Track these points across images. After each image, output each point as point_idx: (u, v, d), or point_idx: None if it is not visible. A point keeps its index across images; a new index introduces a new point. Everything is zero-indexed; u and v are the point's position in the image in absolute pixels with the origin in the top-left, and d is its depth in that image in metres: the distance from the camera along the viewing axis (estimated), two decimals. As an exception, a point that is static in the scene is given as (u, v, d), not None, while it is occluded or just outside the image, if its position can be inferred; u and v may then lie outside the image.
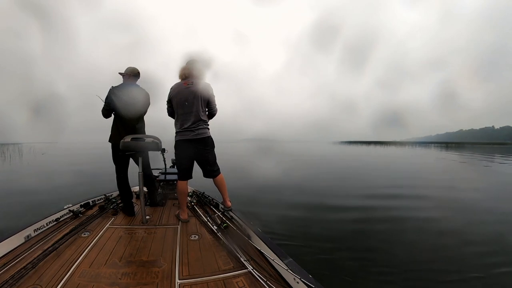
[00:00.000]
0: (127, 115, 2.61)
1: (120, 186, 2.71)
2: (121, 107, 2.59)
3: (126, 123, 2.64)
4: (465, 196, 6.00)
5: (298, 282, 1.40)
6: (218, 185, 2.55)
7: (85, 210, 2.74)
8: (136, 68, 2.77)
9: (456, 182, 7.95)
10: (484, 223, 4.01)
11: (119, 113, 2.63)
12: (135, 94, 2.66)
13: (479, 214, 4.50)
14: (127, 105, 2.59)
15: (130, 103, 2.60)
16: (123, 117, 2.63)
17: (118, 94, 2.59)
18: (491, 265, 2.63)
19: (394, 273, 2.52)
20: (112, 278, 1.49)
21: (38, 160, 16.24)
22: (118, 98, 2.58)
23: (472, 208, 4.85)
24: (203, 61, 2.51)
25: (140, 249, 1.87)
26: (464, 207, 4.98)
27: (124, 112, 2.60)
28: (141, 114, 2.77)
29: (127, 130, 2.59)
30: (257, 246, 1.89)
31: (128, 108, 2.59)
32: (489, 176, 9.71)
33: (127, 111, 2.60)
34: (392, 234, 3.54)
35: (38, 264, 1.58)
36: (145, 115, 2.83)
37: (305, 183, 7.51)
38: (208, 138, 2.48)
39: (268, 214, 4.22)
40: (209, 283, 1.48)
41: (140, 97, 2.69)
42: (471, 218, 4.24)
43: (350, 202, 5.30)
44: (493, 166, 13.00)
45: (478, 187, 7.03)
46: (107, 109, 2.65)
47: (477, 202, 5.30)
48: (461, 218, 4.27)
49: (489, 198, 5.83)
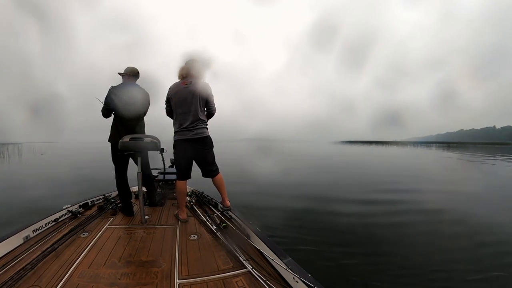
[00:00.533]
0: (126, 115, 2.61)
1: (119, 186, 2.71)
2: (121, 106, 2.59)
3: (125, 123, 2.64)
4: (479, 194, 5.95)
5: (297, 281, 1.40)
6: (217, 185, 2.54)
7: (84, 210, 2.74)
8: (135, 68, 2.77)
9: (468, 181, 7.89)
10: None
11: (118, 113, 2.63)
12: (134, 94, 2.65)
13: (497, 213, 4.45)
14: (126, 105, 2.58)
15: (130, 103, 2.60)
16: (122, 117, 2.62)
17: (117, 93, 2.59)
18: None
19: (393, 272, 2.52)
20: (111, 279, 1.49)
21: (37, 160, 16.22)
22: (118, 97, 2.58)
23: (489, 207, 4.80)
24: (202, 61, 2.50)
25: (139, 249, 1.87)
26: (480, 205, 4.92)
27: (123, 112, 2.60)
28: (141, 114, 2.76)
29: (127, 130, 2.59)
30: (256, 245, 1.89)
31: (127, 108, 2.59)
32: (499, 175, 9.70)
33: (127, 110, 2.60)
34: (392, 234, 3.54)
35: (37, 265, 1.58)
36: (146, 115, 2.83)
37: (304, 183, 7.52)
38: (206, 138, 2.48)
39: (268, 214, 4.23)
40: (208, 283, 1.48)
41: (139, 96, 2.68)
42: (489, 217, 4.17)
43: (358, 200, 5.30)
44: (500, 165, 12.99)
45: (492, 185, 7.01)
46: (107, 109, 2.65)
47: (492, 202, 5.26)
48: (479, 215, 4.21)
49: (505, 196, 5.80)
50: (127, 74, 2.72)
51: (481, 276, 2.45)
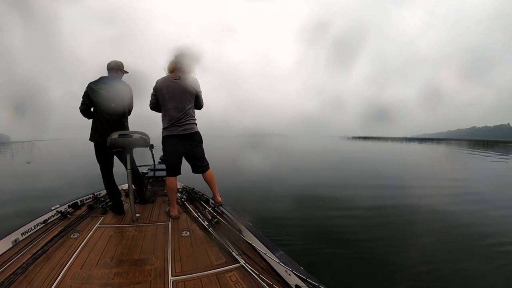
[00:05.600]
0: (106, 110, 2.50)
1: (107, 185, 2.66)
2: (101, 103, 2.48)
3: (106, 119, 2.52)
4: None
5: (290, 274, 1.45)
6: (208, 181, 2.55)
7: (73, 210, 2.69)
8: (118, 61, 2.64)
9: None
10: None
11: (97, 109, 2.52)
12: (113, 88, 2.53)
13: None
14: (104, 100, 2.46)
15: (110, 98, 2.48)
16: (102, 113, 2.51)
17: (95, 89, 2.48)
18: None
19: (384, 266, 2.62)
20: (104, 279, 1.50)
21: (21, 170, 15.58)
22: (96, 93, 2.47)
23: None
24: (192, 55, 2.45)
25: (131, 248, 1.87)
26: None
27: (102, 107, 2.49)
28: (123, 109, 2.63)
29: (107, 126, 2.49)
30: (248, 240, 1.93)
31: (106, 103, 2.47)
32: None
33: (105, 106, 2.48)
34: (393, 231, 3.57)
35: (28, 268, 1.56)
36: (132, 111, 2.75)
37: (299, 177, 7.61)
38: (195, 134, 2.46)
39: (259, 208, 4.29)
40: (202, 278, 1.51)
41: (119, 91, 2.56)
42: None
43: (365, 199, 5.26)
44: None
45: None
46: (85, 105, 2.52)
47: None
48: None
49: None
50: (113, 69, 2.61)
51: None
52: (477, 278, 2.46)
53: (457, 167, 11.71)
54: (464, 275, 2.49)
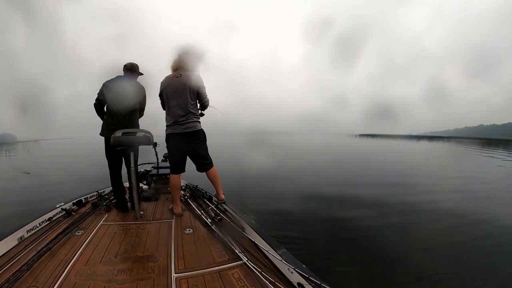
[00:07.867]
0: (117, 108, 2.57)
1: (114, 182, 2.68)
2: (112, 99, 2.56)
3: (116, 116, 2.59)
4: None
5: (292, 272, 1.44)
6: (211, 178, 2.55)
7: (78, 208, 2.71)
8: (133, 63, 2.71)
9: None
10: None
11: (109, 106, 2.61)
12: (126, 87, 2.61)
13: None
14: (117, 98, 2.54)
15: (121, 96, 2.54)
16: (113, 110, 2.59)
17: (109, 87, 2.57)
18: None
19: (385, 265, 2.62)
20: (108, 275, 1.51)
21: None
22: (110, 91, 2.56)
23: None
24: (195, 53, 2.45)
25: (135, 245, 1.89)
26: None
27: (114, 105, 2.57)
28: (134, 107, 2.69)
29: (118, 123, 2.55)
30: (251, 238, 1.93)
31: (118, 101, 2.54)
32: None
33: (117, 103, 2.55)
34: (393, 230, 3.54)
35: (33, 265, 1.58)
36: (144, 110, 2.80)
37: (301, 175, 7.61)
38: (198, 132, 2.45)
39: (262, 206, 4.28)
40: (205, 275, 1.52)
41: (131, 89, 2.63)
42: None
43: (369, 196, 5.22)
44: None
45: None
46: (99, 102, 2.64)
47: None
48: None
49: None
50: (127, 70, 2.68)
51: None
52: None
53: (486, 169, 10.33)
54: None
